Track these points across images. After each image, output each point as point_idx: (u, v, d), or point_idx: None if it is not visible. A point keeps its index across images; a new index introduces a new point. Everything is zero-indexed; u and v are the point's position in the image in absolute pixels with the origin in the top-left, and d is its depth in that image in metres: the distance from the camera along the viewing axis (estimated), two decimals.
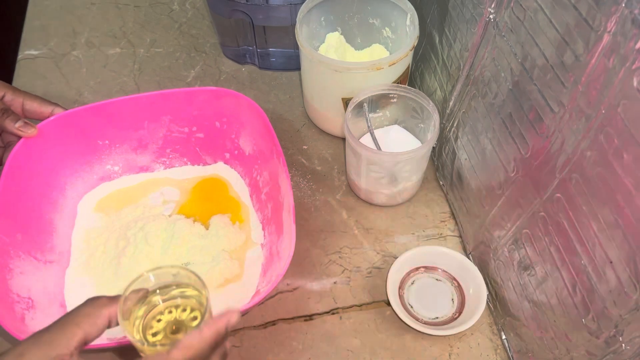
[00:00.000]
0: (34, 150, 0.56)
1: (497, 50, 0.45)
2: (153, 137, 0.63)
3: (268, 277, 0.53)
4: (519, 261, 0.47)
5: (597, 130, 0.33)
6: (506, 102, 0.45)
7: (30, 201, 0.55)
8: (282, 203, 0.54)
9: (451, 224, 0.62)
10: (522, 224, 0.45)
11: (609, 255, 0.34)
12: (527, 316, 0.47)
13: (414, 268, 0.57)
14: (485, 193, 0.52)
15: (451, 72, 0.56)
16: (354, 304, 0.56)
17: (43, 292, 0.53)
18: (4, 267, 0.50)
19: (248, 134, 0.62)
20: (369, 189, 0.61)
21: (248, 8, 0.67)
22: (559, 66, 0.36)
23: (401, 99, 0.60)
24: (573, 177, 0.37)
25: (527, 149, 0.42)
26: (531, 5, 0.39)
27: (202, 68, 0.78)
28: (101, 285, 0.56)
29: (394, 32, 0.67)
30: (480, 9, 0.47)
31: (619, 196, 0.32)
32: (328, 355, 0.52)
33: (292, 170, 0.66)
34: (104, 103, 0.59)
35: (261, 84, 0.76)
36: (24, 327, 0.47)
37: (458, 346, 0.53)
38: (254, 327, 0.54)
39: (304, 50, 0.60)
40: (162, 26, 0.83)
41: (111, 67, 0.78)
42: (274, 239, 0.55)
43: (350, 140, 0.56)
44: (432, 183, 0.65)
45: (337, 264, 0.58)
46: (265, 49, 0.74)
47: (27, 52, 0.79)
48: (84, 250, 0.58)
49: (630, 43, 0.29)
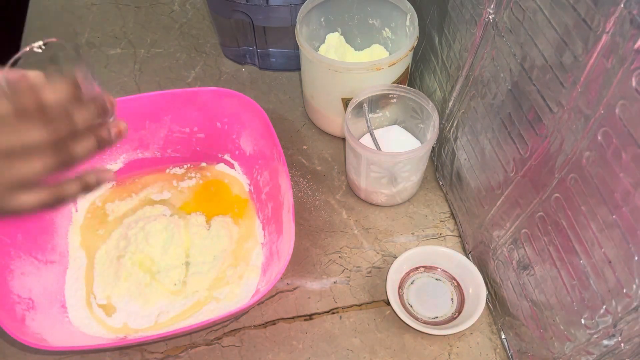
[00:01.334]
0: None
1: (496, 50, 0.45)
2: (154, 137, 0.63)
3: (268, 277, 0.53)
4: (518, 261, 0.47)
5: (595, 131, 0.34)
6: (505, 102, 0.45)
7: None
8: (282, 203, 0.54)
9: (451, 223, 0.62)
10: (521, 223, 0.45)
11: (608, 255, 0.34)
12: (527, 315, 0.47)
13: (414, 268, 0.57)
14: (484, 193, 0.52)
15: (451, 72, 0.56)
16: (353, 303, 0.56)
17: (44, 292, 0.53)
18: (5, 268, 0.50)
19: (249, 134, 0.62)
20: (369, 189, 0.61)
21: (248, 8, 0.67)
22: (558, 67, 0.37)
23: (401, 99, 0.60)
24: (572, 177, 0.37)
25: (526, 149, 0.43)
26: (530, 5, 0.39)
27: (202, 68, 0.78)
28: (102, 285, 0.56)
29: (393, 32, 0.67)
30: (479, 10, 0.47)
31: (617, 196, 0.32)
32: (328, 354, 0.52)
33: (292, 170, 0.66)
34: None
35: (261, 84, 0.76)
36: (24, 328, 0.47)
37: (457, 345, 0.53)
38: (254, 326, 0.54)
39: (304, 50, 0.60)
40: (162, 27, 0.84)
41: (112, 68, 0.78)
42: (274, 238, 0.56)
43: (350, 140, 0.56)
44: (431, 183, 0.66)
45: (337, 263, 0.58)
46: (265, 50, 0.74)
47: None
48: (84, 251, 0.58)
49: (629, 43, 0.29)
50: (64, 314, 0.53)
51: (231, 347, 0.53)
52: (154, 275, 0.56)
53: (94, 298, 0.55)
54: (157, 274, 0.56)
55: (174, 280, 0.55)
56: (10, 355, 0.52)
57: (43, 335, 0.48)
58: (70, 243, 0.58)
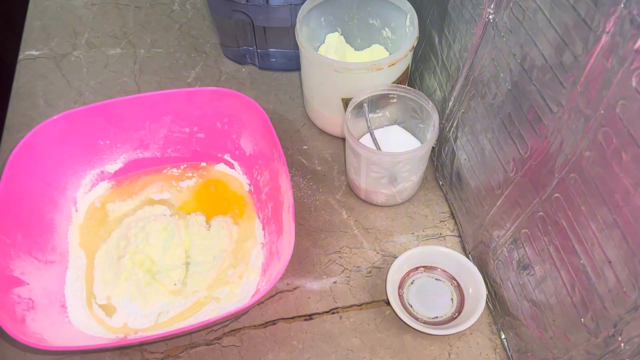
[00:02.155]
0: (34, 150, 0.56)
1: (496, 50, 0.45)
2: (154, 137, 0.63)
3: (267, 277, 0.53)
4: (518, 261, 0.47)
5: (595, 131, 0.34)
6: (505, 102, 0.45)
7: (31, 201, 0.56)
8: (282, 202, 0.54)
9: (450, 223, 0.62)
10: (521, 223, 0.45)
11: (608, 255, 0.34)
12: (527, 316, 0.47)
13: (414, 268, 0.57)
14: (484, 193, 0.52)
15: (450, 72, 0.56)
16: (353, 303, 0.56)
17: (44, 292, 0.53)
18: (5, 268, 0.50)
19: (249, 134, 0.62)
20: (369, 189, 0.61)
21: (248, 8, 0.67)
22: (557, 67, 0.37)
23: (401, 99, 0.60)
24: (572, 177, 0.37)
25: (526, 149, 0.43)
26: (530, 5, 0.39)
27: (202, 68, 0.78)
28: (102, 285, 0.56)
29: (393, 32, 0.67)
30: (479, 10, 0.47)
31: (617, 196, 0.32)
32: (328, 354, 0.52)
33: (292, 170, 0.66)
34: (104, 103, 0.59)
35: (261, 85, 0.76)
36: (24, 328, 0.47)
37: (457, 345, 0.53)
38: (254, 326, 0.54)
39: (304, 50, 0.60)
40: (162, 26, 0.84)
41: (112, 68, 0.78)
42: (274, 238, 0.56)
43: (350, 140, 0.56)
44: (431, 183, 0.66)
45: (337, 263, 0.58)
46: (265, 50, 0.74)
47: (28, 53, 0.80)
48: (84, 251, 0.58)
49: (629, 43, 0.29)
50: (64, 314, 0.53)
51: (231, 347, 0.53)
52: (154, 275, 0.56)
53: (94, 298, 0.55)
54: (157, 274, 0.56)
55: (174, 280, 0.55)
56: (10, 355, 0.52)
57: (43, 335, 0.48)
58: (70, 243, 0.58)
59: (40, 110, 0.72)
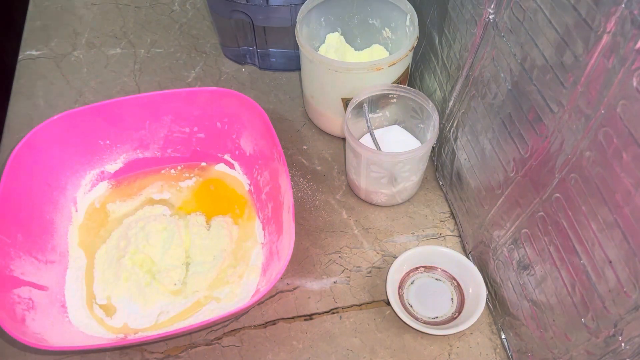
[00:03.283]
0: (34, 150, 0.56)
1: (496, 50, 0.45)
2: (154, 137, 0.63)
3: (267, 277, 0.53)
4: (518, 261, 0.47)
5: (596, 130, 0.34)
6: (505, 102, 0.45)
7: (31, 201, 0.56)
8: (282, 202, 0.54)
9: (451, 223, 0.62)
10: (522, 223, 0.45)
11: (608, 255, 0.34)
12: (527, 315, 0.47)
13: (414, 268, 0.57)
14: (484, 193, 0.52)
15: (451, 72, 0.56)
16: (353, 303, 0.56)
17: (44, 292, 0.53)
18: (5, 268, 0.50)
19: (249, 134, 0.62)
20: (369, 189, 0.61)
21: (248, 8, 0.67)
22: (558, 66, 0.37)
23: (401, 99, 0.60)
24: (572, 177, 0.37)
25: (527, 149, 0.43)
26: (531, 5, 0.39)
27: (202, 68, 0.78)
28: (102, 285, 0.56)
29: (393, 32, 0.67)
30: (479, 10, 0.47)
31: (618, 196, 0.32)
32: (328, 354, 0.52)
33: (292, 170, 0.66)
34: (105, 103, 0.59)
35: (261, 85, 0.76)
36: (24, 328, 0.47)
37: (457, 345, 0.53)
38: (254, 326, 0.54)
39: (304, 50, 0.60)
40: (162, 26, 0.84)
41: (112, 68, 0.78)
42: (274, 238, 0.56)
43: (350, 140, 0.56)
44: (431, 183, 0.66)
45: (337, 263, 0.58)
46: (265, 50, 0.74)
47: (28, 53, 0.80)
48: (84, 250, 0.58)
49: (630, 43, 0.29)
50: (64, 314, 0.53)
51: (231, 347, 0.53)
52: (154, 275, 0.56)
53: (94, 298, 0.55)
54: (157, 274, 0.56)
55: (174, 280, 0.55)
56: (10, 355, 0.52)
57: (43, 335, 0.48)
58: (70, 243, 0.58)
59: (40, 110, 0.72)
